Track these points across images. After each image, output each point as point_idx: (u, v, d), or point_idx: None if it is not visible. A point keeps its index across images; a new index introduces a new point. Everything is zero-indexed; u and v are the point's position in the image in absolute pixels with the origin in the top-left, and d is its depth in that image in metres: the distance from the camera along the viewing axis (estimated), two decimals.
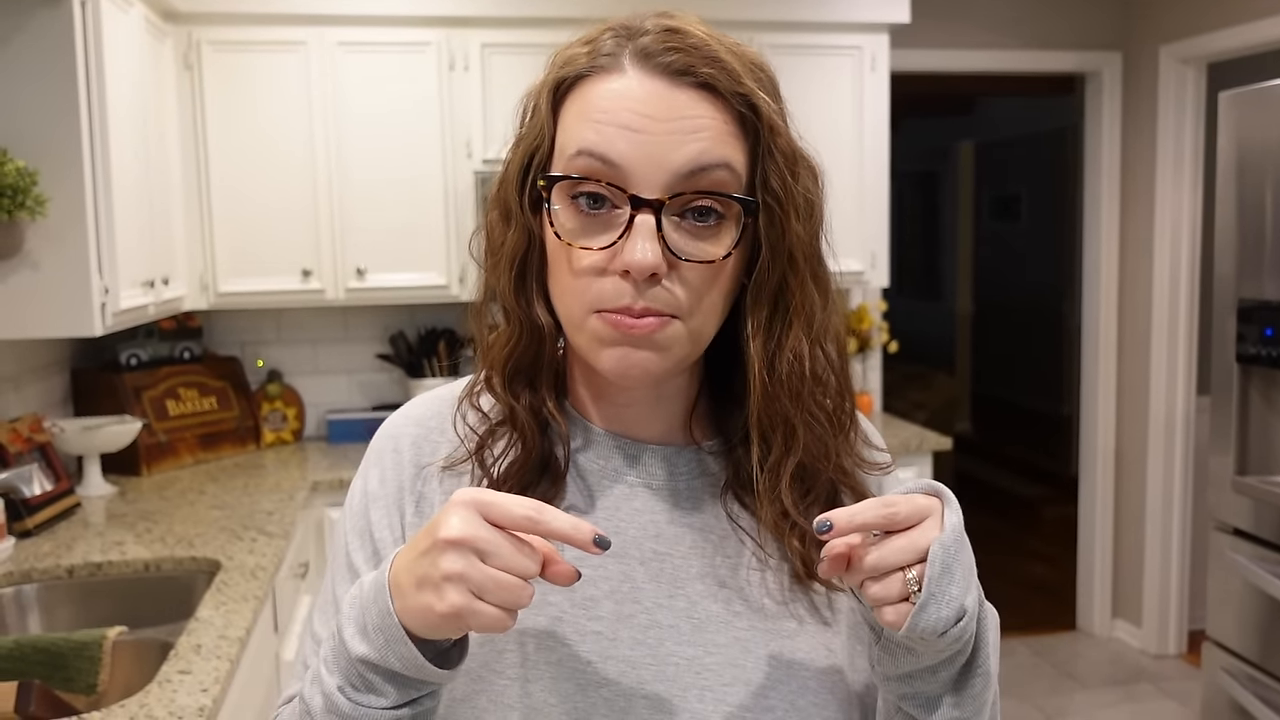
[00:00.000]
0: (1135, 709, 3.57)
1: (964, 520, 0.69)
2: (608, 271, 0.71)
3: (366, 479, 0.84)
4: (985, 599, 0.75)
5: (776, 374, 0.74)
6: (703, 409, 0.83)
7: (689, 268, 0.71)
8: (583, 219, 0.72)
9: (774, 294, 0.75)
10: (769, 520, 0.77)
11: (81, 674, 1.73)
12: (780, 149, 0.73)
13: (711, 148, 0.70)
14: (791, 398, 0.75)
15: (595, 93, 0.72)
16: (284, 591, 2.33)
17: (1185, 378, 3.91)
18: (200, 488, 2.84)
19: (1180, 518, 3.95)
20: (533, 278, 0.78)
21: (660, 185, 0.70)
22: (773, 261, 0.74)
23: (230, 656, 1.62)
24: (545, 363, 0.79)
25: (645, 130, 0.70)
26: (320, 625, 0.83)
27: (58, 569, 2.13)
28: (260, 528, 2.39)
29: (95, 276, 2.25)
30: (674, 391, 0.81)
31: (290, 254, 3.15)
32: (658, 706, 0.75)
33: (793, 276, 0.74)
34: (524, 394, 0.79)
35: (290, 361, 3.56)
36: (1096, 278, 4.16)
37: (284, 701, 0.85)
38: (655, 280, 0.71)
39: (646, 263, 0.69)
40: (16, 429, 2.44)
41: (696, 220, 0.72)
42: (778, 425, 0.75)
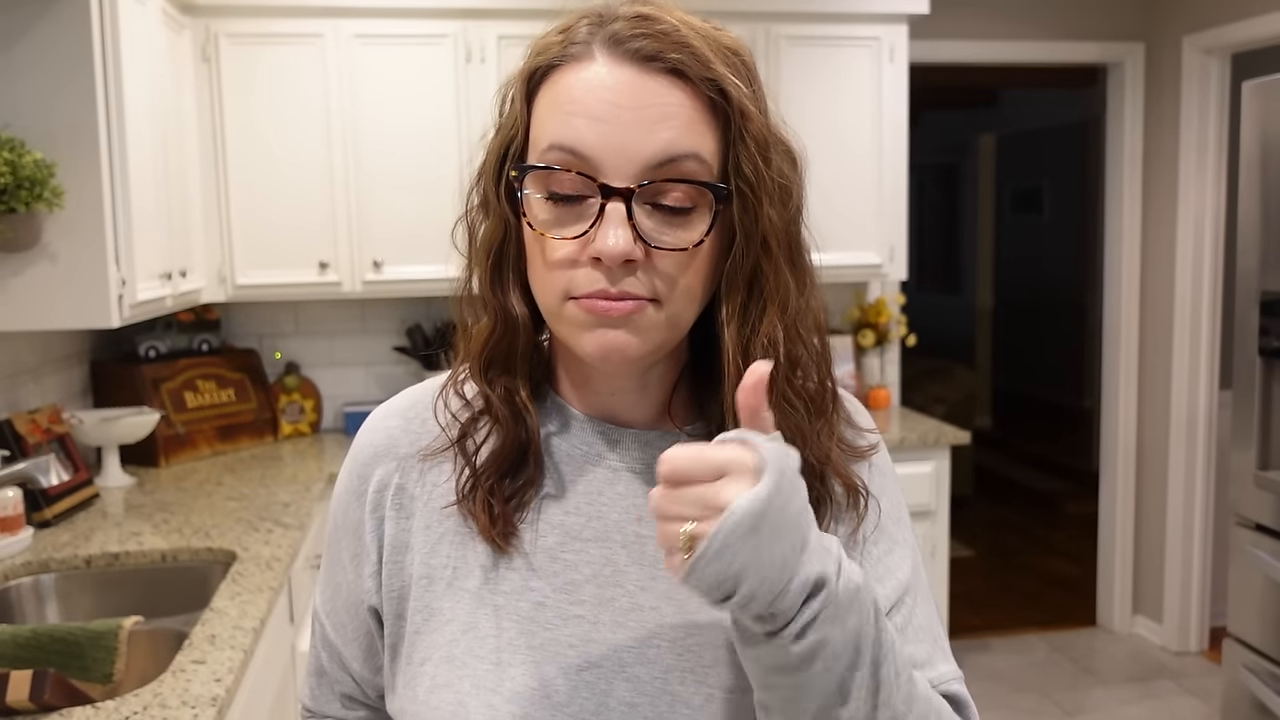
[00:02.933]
0: (1155, 705, 3.54)
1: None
2: (581, 261, 0.72)
3: (349, 478, 0.87)
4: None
5: (751, 359, 0.74)
6: (684, 394, 0.83)
7: (662, 255, 0.72)
8: (556, 209, 0.73)
9: (748, 280, 0.75)
10: None
11: (97, 663, 1.74)
12: (752, 134, 0.72)
13: (680, 138, 0.70)
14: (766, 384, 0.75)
15: (566, 83, 0.73)
16: (300, 582, 2.34)
17: (1207, 372, 3.87)
18: (218, 479, 2.85)
19: (1202, 513, 3.91)
20: (509, 268, 0.79)
21: (629, 174, 0.70)
22: (746, 247, 0.74)
23: (244, 647, 1.62)
24: (521, 352, 0.80)
25: (614, 120, 0.70)
26: (321, 602, 0.91)
27: (76, 559, 2.14)
28: (276, 519, 2.40)
29: (112, 268, 2.26)
30: (657, 378, 0.81)
31: (307, 246, 3.16)
32: (639, 690, 0.76)
33: (766, 262, 0.74)
34: (499, 383, 0.80)
35: (308, 354, 3.57)
36: (1118, 271, 4.12)
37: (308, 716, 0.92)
38: (630, 267, 0.71)
39: (618, 250, 0.70)
40: (36, 420, 2.46)
41: (669, 208, 0.72)
42: None
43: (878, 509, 0.82)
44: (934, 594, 0.86)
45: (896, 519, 0.84)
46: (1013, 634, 4.18)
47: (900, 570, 0.81)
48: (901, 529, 0.84)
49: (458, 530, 0.81)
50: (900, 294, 3.83)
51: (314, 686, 0.92)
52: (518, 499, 0.80)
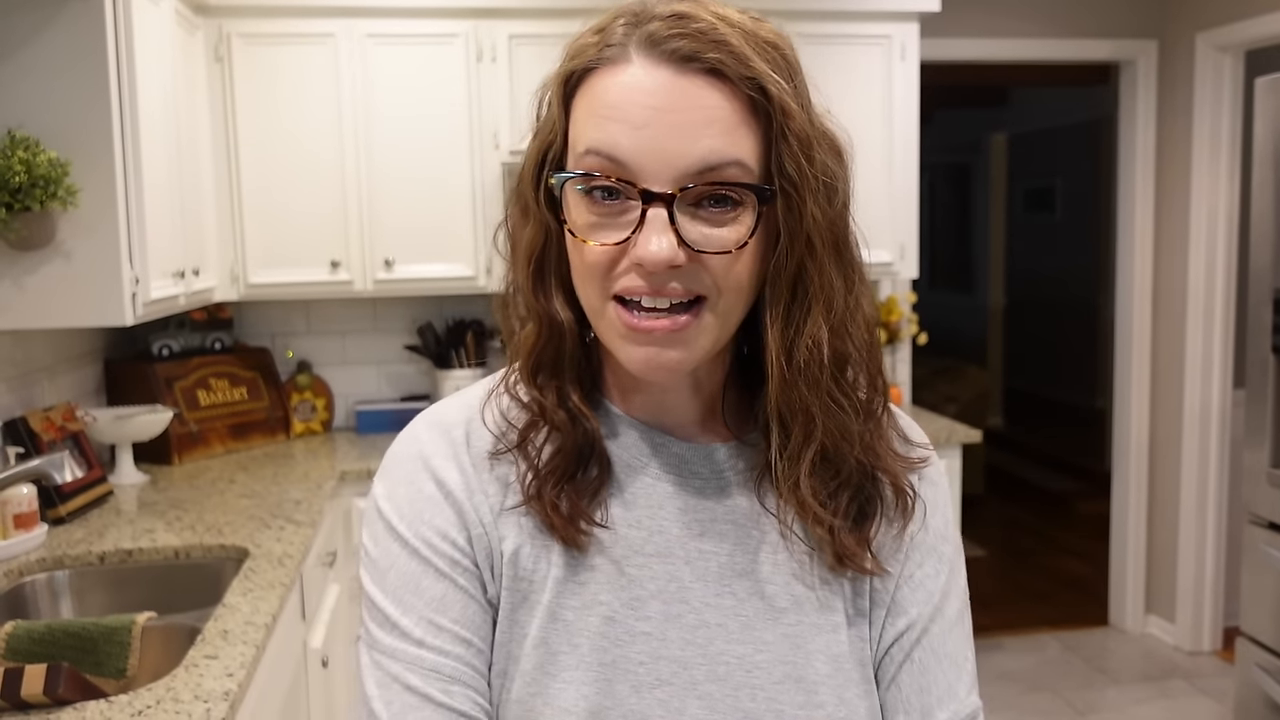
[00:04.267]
0: (1168, 705, 3.53)
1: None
2: (623, 265, 0.71)
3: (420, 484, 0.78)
4: None
5: (794, 361, 0.73)
6: (734, 398, 0.81)
7: (706, 258, 0.70)
8: (597, 213, 0.71)
9: (792, 280, 0.73)
10: (796, 509, 0.76)
11: (111, 658, 1.75)
12: (794, 132, 0.70)
13: (721, 144, 0.69)
14: (810, 385, 0.73)
15: (602, 86, 0.71)
16: (312, 580, 2.35)
17: (1220, 370, 3.85)
18: (230, 477, 2.87)
19: (1215, 512, 3.89)
20: (551, 273, 0.77)
21: (670, 179, 0.69)
22: (790, 247, 0.72)
23: (256, 642, 1.63)
24: (569, 357, 0.78)
25: (652, 125, 0.68)
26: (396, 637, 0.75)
27: (89, 555, 2.16)
28: (289, 516, 2.41)
29: (126, 266, 2.27)
30: (706, 374, 0.80)
31: (319, 245, 3.17)
32: (711, 707, 0.75)
33: (811, 261, 0.72)
34: (550, 388, 0.78)
35: (320, 352, 3.58)
36: (1130, 269, 4.10)
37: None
38: (674, 271, 0.70)
39: (662, 257, 0.68)
40: (50, 418, 2.47)
41: (713, 207, 0.70)
42: (796, 413, 0.74)
43: (924, 511, 0.81)
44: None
45: (945, 537, 0.83)
46: (1025, 633, 4.17)
47: (938, 593, 0.80)
48: (949, 547, 0.83)
49: (532, 537, 0.77)
50: (911, 293, 3.82)
51: None
52: (589, 498, 0.77)
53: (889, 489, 0.78)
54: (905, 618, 0.79)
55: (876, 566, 0.78)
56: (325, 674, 2.39)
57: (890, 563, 0.79)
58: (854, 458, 0.76)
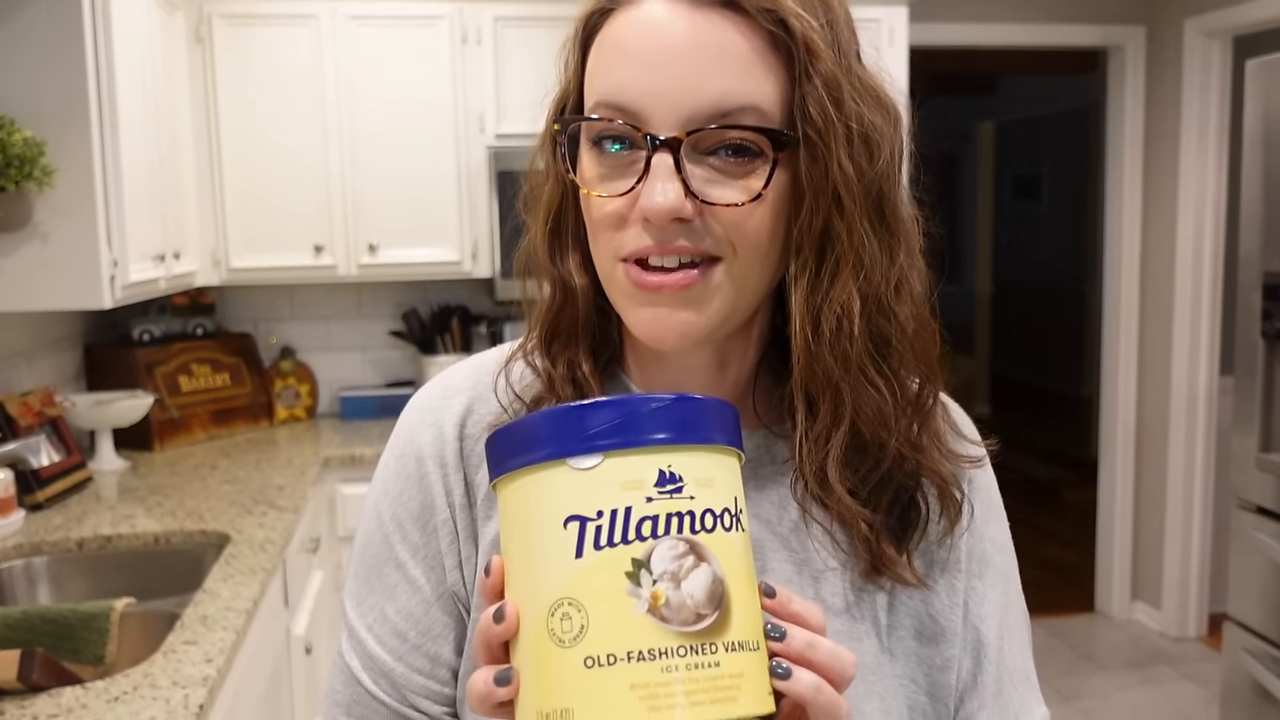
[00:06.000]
0: (1153, 691, 3.53)
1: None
2: (630, 220, 0.65)
3: (402, 462, 0.76)
4: None
5: (820, 331, 0.65)
6: (767, 385, 0.74)
7: (717, 211, 0.64)
8: (605, 165, 0.66)
9: (818, 240, 0.65)
10: (828, 504, 0.68)
11: (89, 645, 1.72)
12: (820, 73, 0.63)
13: (735, 87, 0.62)
14: (838, 358, 0.65)
15: (617, 29, 0.66)
16: (295, 566, 2.32)
17: (1208, 357, 3.85)
18: (212, 463, 2.83)
19: (1202, 499, 3.89)
20: (568, 234, 0.72)
21: (676, 123, 0.62)
22: (815, 202, 0.64)
23: (236, 628, 1.61)
24: (582, 324, 0.72)
25: (661, 65, 0.63)
26: (355, 616, 0.75)
27: (68, 541, 2.12)
28: (271, 502, 2.38)
29: (104, 249, 2.24)
30: (736, 353, 0.73)
31: (302, 229, 3.13)
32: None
33: (838, 220, 0.64)
34: (561, 358, 0.73)
35: (303, 338, 3.55)
36: (1118, 256, 4.10)
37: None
38: (682, 225, 0.64)
39: (664, 205, 0.62)
40: (28, 402, 2.44)
41: (730, 157, 0.63)
42: (823, 390, 0.66)
43: (970, 516, 0.74)
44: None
45: (1002, 547, 0.77)
46: None
47: (1000, 607, 0.75)
48: (1007, 559, 0.77)
49: None
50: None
51: (340, 716, 0.75)
52: None
53: (935, 491, 0.70)
54: (974, 635, 0.73)
55: (916, 577, 0.70)
56: (309, 661, 2.36)
57: (934, 575, 0.72)
58: (895, 450, 0.67)
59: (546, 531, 0.50)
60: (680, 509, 0.49)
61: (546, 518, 0.50)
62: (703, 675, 0.48)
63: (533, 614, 0.50)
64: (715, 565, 0.49)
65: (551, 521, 0.50)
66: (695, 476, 0.50)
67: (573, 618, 0.49)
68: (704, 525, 0.50)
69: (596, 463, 0.49)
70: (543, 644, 0.49)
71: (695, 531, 0.49)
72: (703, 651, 0.48)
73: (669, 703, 0.47)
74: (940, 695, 0.72)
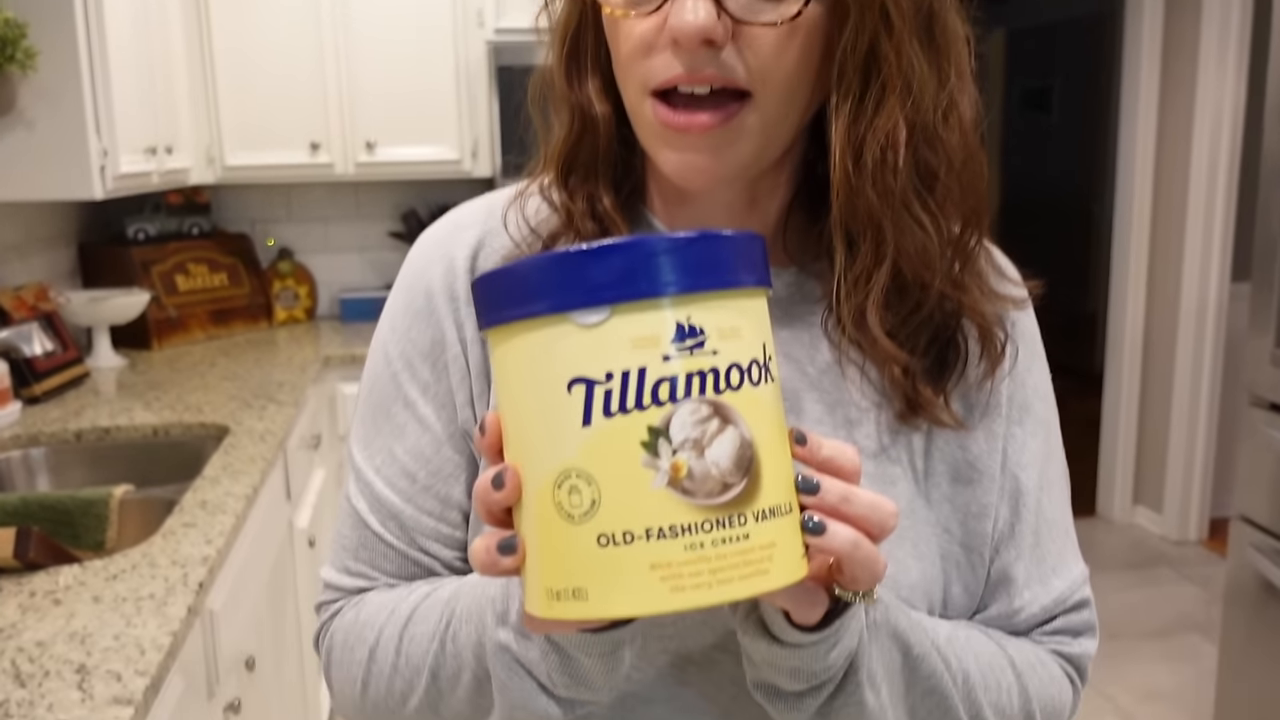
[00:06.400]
0: (1153, 593, 3.55)
1: None
2: (659, 45, 0.60)
3: (410, 297, 0.72)
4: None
5: (862, 163, 0.61)
6: (800, 223, 0.69)
7: (757, 34, 0.58)
8: None
9: (863, 63, 0.60)
10: (864, 346, 0.65)
11: (89, 531, 1.71)
12: None
13: None
14: (881, 193, 0.61)
15: None
16: (297, 461, 2.30)
17: (1219, 264, 3.79)
18: (211, 361, 2.80)
19: (1207, 404, 3.88)
20: (587, 57, 0.67)
21: None
22: (861, 20, 0.59)
23: (236, 512, 1.59)
24: (602, 156, 0.68)
25: None
26: (363, 459, 0.72)
27: (65, 433, 2.10)
28: (271, 396, 2.35)
29: (92, 137, 2.17)
30: (767, 191, 0.68)
31: (297, 126, 3.06)
32: None
33: (886, 39, 0.59)
34: (580, 192, 0.69)
35: (301, 239, 3.49)
36: (1131, 167, 4.01)
37: (328, 601, 0.73)
38: (713, 50, 0.58)
39: (696, 24, 0.56)
40: (21, 296, 2.39)
41: None
42: (864, 227, 0.62)
43: (1013, 359, 0.70)
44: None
45: (1041, 394, 0.73)
46: None
47: (1041, 456, 0.71)
48: (1048, 407, 0.73)
49: None
50: None
51: (348, 561, 0.73)
52: None
53: (976, 332, 0.66)
54: (1013, 484, 0.69)
55: (953, 419, 0.66)
56: (312, 554, 2.36)
57: (973, 418, 0.68)
58: (937, 291, 0.63)
59: (549, 396, 0.44)
60: (702, 367, 0.43)
61: (548, 380, 0.44)
62: (730, 550, 0.43)
63: (537, 484, 0.45)
64: (743, 427, 0.44)
65: (554, 385, 0.44)
66: (718, 327, 0.44)
67: (582, 491, 0.43)
68: (729, 383, 0.44)
69: (603, 317, 0.43)
70: (550, 518, 0.44)
71: (719, 391, 0.43)
72: (730, 524, 0.43)
73: (695, 582, 0.42)
74: (975, 545, 0.69)
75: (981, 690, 0.63)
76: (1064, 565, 0.71)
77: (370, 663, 0.68)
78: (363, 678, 0.68)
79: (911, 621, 0.59)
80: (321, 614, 0.74)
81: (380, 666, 0.67)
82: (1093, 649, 0.71)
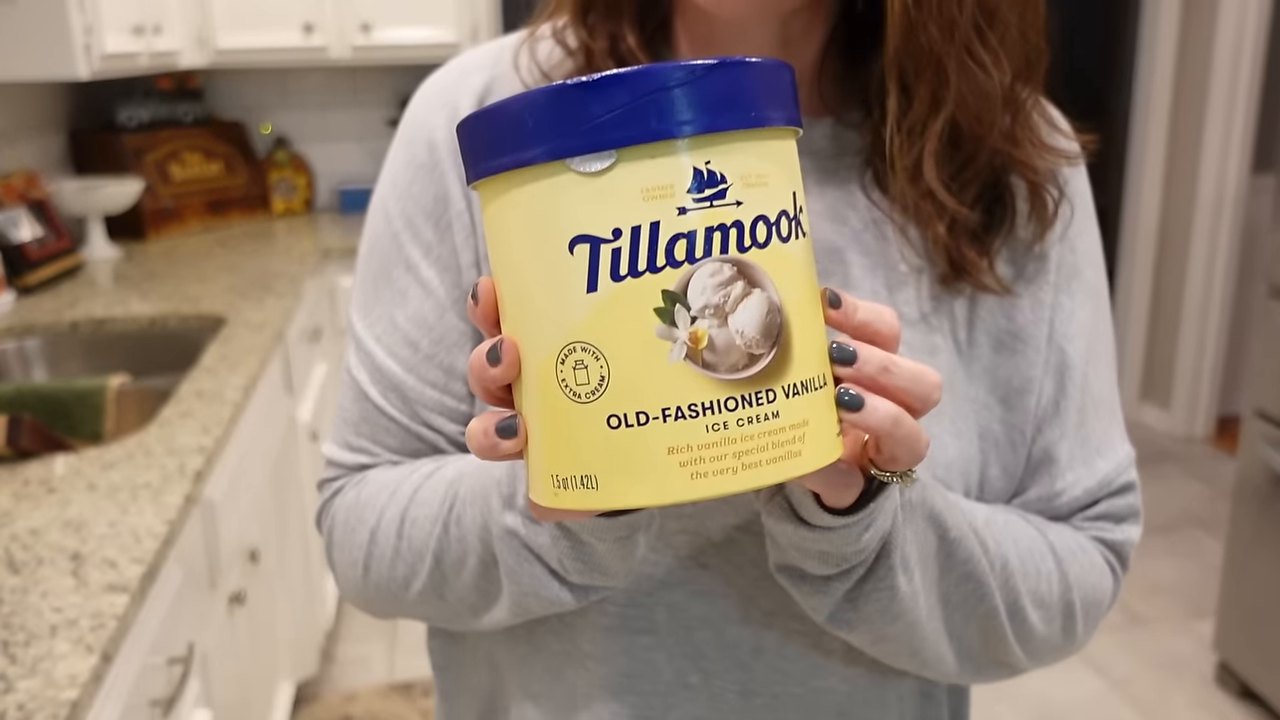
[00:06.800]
0: (1159, 489, 3.55)
1: None
2: None
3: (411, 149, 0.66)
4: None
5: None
6: (836, 69, 0.63)
7: None
8: None
9: None
10: (912, 202, 0.59)
11: (85, 421, 1.68)
12: None
13: None
14: (943, 29, 0.55)
15: None
16: (297, 354, 2.27)
17: (1239, 156, 3.69)
18: (208, 252, 2.75)
19: (1221, 300, 3.82)
20: None
21: None
22: None
23: (234, 402, 1.55)
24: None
25: None
26: (363, 327, 0.67)
27: (60, 324, 2.06)
28: (269, 288, 2.30)
29: (74, 12, 2.08)
30: (800, 32, 0.62)
31: (290, 5, 2.94)
32: None
33: None
34: (601, 30, 0.63)
35: (298, 127, 3.40)
36: (1152, 56, 3.88)
37: (330, 479, 0.69)
38: None
39: None
40: (10, 183, 2.33)
41: None
42: (923, 68, 0.56)
43: (1068, 221, 0.64)
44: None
45: (1095, 262, 0.66)
46: None
47: (1089, 327, 0.65)
48: (1098, 275, 0.67)
49: None
50: None
51: (349, 436, 0.68)
52: None
53: (1025, 190, 0.61)
54: (1059, 357, 0.64)
55: (999, 284, 0.61)
56: (314, 447, 2.34)
57: (1019, 283, 0.63)
58: (991, 142, 0.58)
59: (547, 257, 0.38)
60: (724, 220, 0.37)
61: (545, 239, 0.38)
62: (757, 430, 0.38)
63: (537, 358, 0.40)
64: (771, 290, 0.38)
65: (553, 244, 0.38)
66: (742, 174, 0.38)
67: (589, 367, 0.38)
68: (755, 239, 0.38)
69: (608, 164, 0.37)
70: (553, 397, 0.39)
71: (744, 248, 0.38)
72: (757, 401, 0.38)
73: (717, 467, 0.38)
74: (1016, 421, 0.64)
75: (1020, 577, 0.59)
76: (1109, 445, 0.65)
77: (371, 545, 0.64)
78: (364, 561, 0.65)
79: (948, 503, 0.55)
80: (323, 492, 0.70)
81: (382, 550, 0.63)
82: (1136, 536, 0.66)
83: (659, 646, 0.63)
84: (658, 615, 0.63)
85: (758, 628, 0.63)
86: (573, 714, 0.66)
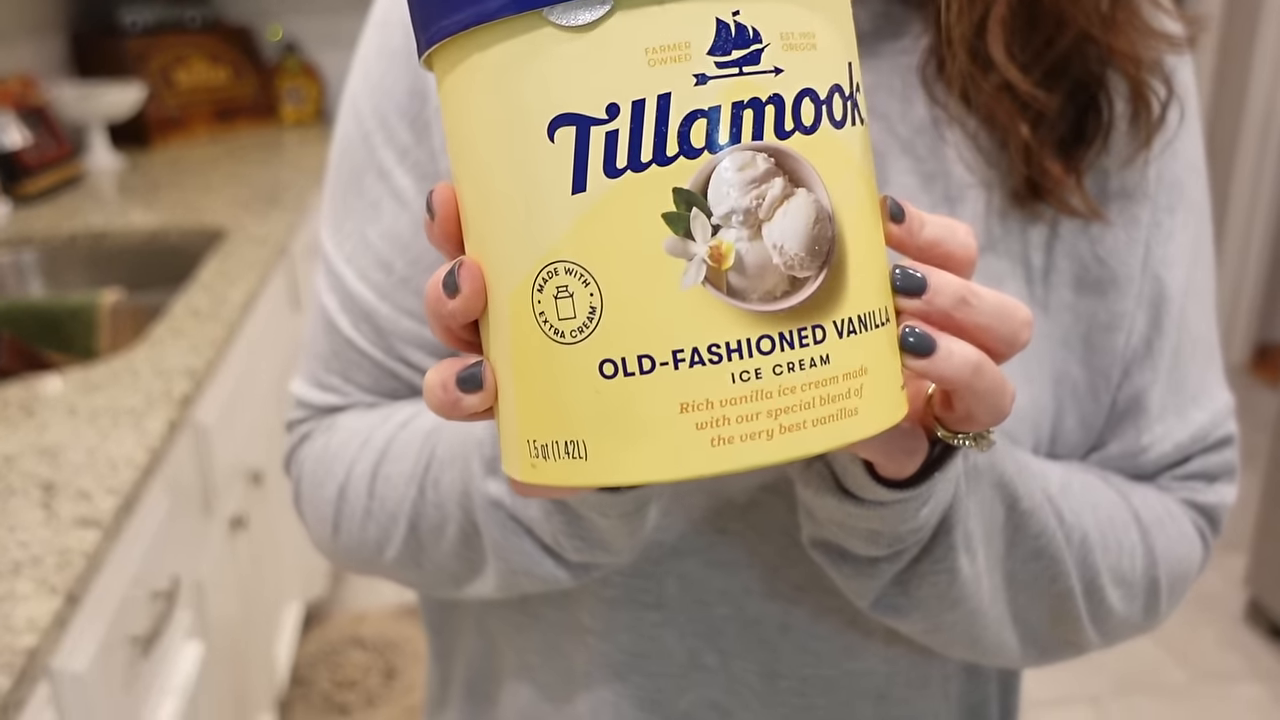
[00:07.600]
0: None
1: None
2: None
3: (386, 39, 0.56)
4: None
5: None
6: None
7: None
8: None
9: None
10: (986, 97, 0.48)
11: (78, 338, 1.62)
12: None
13: None
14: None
15: None
16: (305, 270, 2.19)
17: None
18: (215, 162, 2.66)
19: (1264, 222, 3.68)
20: None
21: None
22: None
23: (230, 320, 1.48)
24: None
25: None
26: (332, 246, 0.59)
27: (58, 236, 1.99)
28: (275, 199, 2.22)
29: None
30: None
31: None
32: None
33: None
34: None
35: (309, 33, 3.27)
36: None
37: (298, 420, 0.61)
38: None
39: None
40: (6, 86, 2.24)
41: None
42: None
43: (1179, 117, 0.52)
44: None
45: (1199, 171, 0.55)
46: None
47: (1190, 253, 0.54)
48: (1201, 188, 0.55)
49: None
50: None
51: (318, 372, 0.60)
52: None
53: (1126, 87, 0.49)
54: (1154, 287, 0.52)
55: (1088, 205, 0.49)
56: None
57: (1111, 204, 0.51)
58: (1079, 29, 0.46)
59: (519, 146, 0.28)
60: (758, 93, 0.27)
61: (516, 121, 0.28)
62: (801, 381, 0.28)
63: (509, 285, 0.30)
64: (820, 191, 0.28)
65: (526, 128, 0.28)
66: (784, 30, 0.28)
67: (575, 295, 0.28)
68: (800, 121, 0.28)
69: (601, 13, 0.27)
70: (528, 337, 0.30)
71: (785, 134, 0.28)
72: (801, 342, 0.28)
73: (747, 430, 0.28)
74: (1099, 365, 0.53)
75: (1100, 552, 0.49)
76: (1206, 393, 0.55)
77: (340, 503, 0.56)
78: (333, 519, 0.57)
79: (1019, 465, 0.45)
80: (291, 434, 0.62)
81: (352, 509, 0.55)
82: (1231, 497, 0.55)
83: (668, 623, 0.55)
84: (668, 587, 0.54)
85: (785, 603, 0.54)
86: (570, 694, 0.59)
